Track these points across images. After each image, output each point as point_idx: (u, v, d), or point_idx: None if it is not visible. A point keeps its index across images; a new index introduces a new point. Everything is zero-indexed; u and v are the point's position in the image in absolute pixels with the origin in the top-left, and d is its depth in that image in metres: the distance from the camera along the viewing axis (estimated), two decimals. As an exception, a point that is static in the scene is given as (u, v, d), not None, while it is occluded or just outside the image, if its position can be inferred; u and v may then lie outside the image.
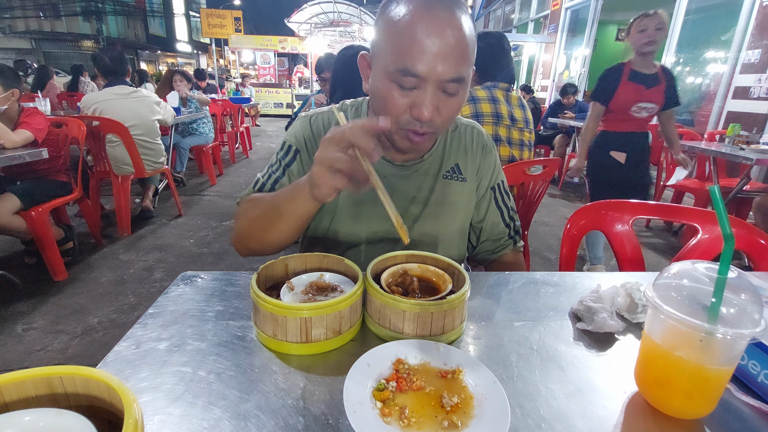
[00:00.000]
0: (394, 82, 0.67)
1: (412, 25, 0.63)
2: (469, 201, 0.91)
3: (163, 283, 2.29)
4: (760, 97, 4.03)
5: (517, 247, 0.97)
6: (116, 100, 2.78)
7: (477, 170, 0.91)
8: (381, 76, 0.69)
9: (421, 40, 0.62)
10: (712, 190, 0.43)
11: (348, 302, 0.54)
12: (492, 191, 0.93)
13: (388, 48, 0.66)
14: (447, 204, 0.87)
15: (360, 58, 0.76)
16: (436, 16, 0.63)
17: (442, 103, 0.68)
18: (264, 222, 0.71)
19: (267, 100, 11.84)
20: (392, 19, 0.65)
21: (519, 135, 1.77)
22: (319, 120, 0.87)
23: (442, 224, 0.87)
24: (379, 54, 0.69)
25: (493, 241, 0.95)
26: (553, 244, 3.04)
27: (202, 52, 28.79)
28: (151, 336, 0.55)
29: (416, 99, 0.67)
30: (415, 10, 0.63)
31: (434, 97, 0.66)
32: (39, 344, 1.75)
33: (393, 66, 0.65)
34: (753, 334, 0.39)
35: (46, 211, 2.17)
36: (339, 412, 0.44)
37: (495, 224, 0.94)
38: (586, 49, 7.54)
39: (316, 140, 0.84)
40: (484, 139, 0.93)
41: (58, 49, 20.14)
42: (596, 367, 0.53)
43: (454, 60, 0.64)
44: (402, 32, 0.64)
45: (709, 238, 0.97)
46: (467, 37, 0.65)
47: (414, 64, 0.63)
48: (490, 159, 0.93)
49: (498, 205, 0.94)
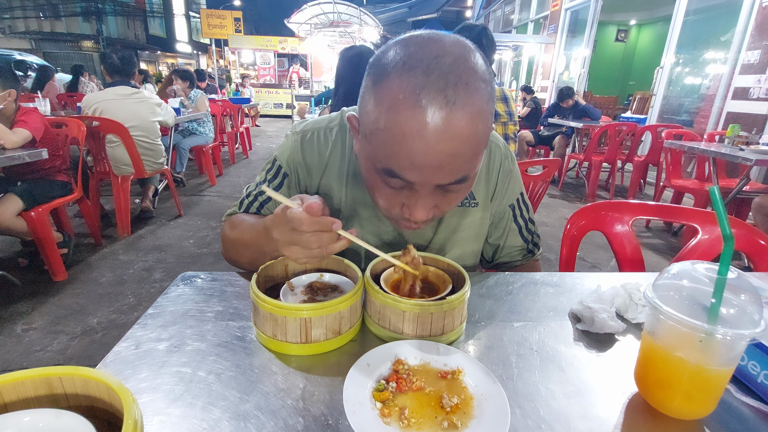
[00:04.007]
0: (380, 178, 0.56)
1: (401, 125, 0.49)
2: (482, 226, 0.83)
3: (163, 284, 2.28)
4: (759, 98, 4.03)
5: (534, 257, 0.92)
6: (117, 100, 2.78)
7: (493, 193, 0.82)
8: (366, 161, 0.58)
9: (410, 147, 0.49)
10: (711, 191, 0.43)
11: (348, 302, 0.54)
12: (511, 209, 0.86)
13: (372, 133, 0.53)
14: (458, 233, 0.81)
15: (348, 119, 0.63)
16: (430, 116, 0.47)
17: (441, 200, 0.58)
18: (240, 249, 0.71)
19: (267, 101, 11.84)
20: (380, 99, 0.51)
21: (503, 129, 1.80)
22: (314, 141, 0.78)
23: (452, 253, 0.82)
24: (365, 132, 0.55)
25: (511, 257, 0.90)
26: (553, 245, 3.04)
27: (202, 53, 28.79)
28: (151, 336, 0.55)
29: (408, 199, 0.57)
30: (406, 104, 0.48)
31: (430, 199, 0.56)
32: (38, 345, 1.74)
33: (379, 162, 0.54)
34: (753, 334, 0.39)
35: (46, 212, 2.17)
36: (339, 412, 0.43)
37: (513, 241, 0.88)
38: (585, 50, 7.54)
39: (308, 166, 0.78)
40: (502, 153, 0.82)
41: (58, 49, 20.13)
42: (596, 368, 0.53)
43: (456, 166, 0.52)
44: (388, 128, 0.50)
45: (709, 238, 0.97)
46: (478, 131, 0.50)
47: (402, 172, 0.52)
48: (509, 174, 0.83)
49: (516, 221, 0.87)
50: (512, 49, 9.93)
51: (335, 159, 0.78)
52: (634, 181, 4.18)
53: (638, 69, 10.62)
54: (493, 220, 0.86)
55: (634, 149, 4.36)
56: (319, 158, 0.78)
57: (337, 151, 0.78)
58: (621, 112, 7.11)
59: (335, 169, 0.78)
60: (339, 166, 0.78)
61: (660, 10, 8.90)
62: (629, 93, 9.42)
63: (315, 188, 0.79)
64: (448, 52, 0.50)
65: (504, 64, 11.56)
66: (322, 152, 0.78)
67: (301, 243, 0.53)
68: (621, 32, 10.91)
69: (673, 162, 3.29)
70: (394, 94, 0.49)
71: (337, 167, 0.78)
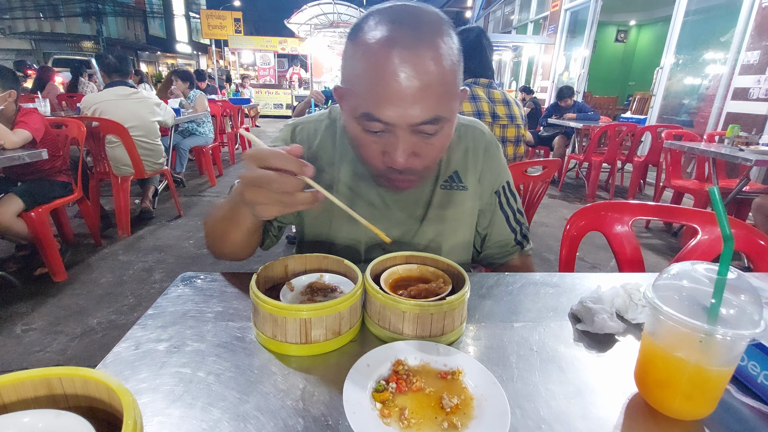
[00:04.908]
0: (361, 126, 0.60)
1: (372, 65, 0.54)
2: (472, 210, 0.85)
3: (163, 284, 2.28)
4: (759, 98, 4.04)
5: (524, 251, 0.92)
6: (116, 100, 2.78)
7: (479, 175, 0.84)
8: (348, 116, 0.62)
9: (383, 83, 0.54)
10: (711, 191, 0.43)
11: (348, 303, 0.54)
12: (497, 195, 0.87)
13: (351, 86, 0.59)
14: (447, 216, 0.81)
15: (334, 90, 0.68)
16: (400, 54, 0.53)
17: (419, 146, 0.60)
18: (220, 231, 0.70)
19: (267, 101, 11.84)
20: (355, 52, 0.57)
21: (501, 131, 1.81)
22: (304, 132, 0.82)
23: (443, 238, 0.82)
24: (346, 90, 0.61)
25: (499, 248, 0.90)
26: (552, 245, 3.04)
27: (202, 53, 28.81)
28: (151, 337, 0.55)
29: (387, 144, 0.60)
30: (377, 46, 0.54)
31: (407, 142, 0.59)
32: (38, 345, 1.74)
33: (357, 109, 0.58)
34: (753, 335, 0.39)
35: (46, 212, 2.17)
36: (339, 413, 0.43)
37: (500, 230, 0.88)
38: (585, 50, 7.55)
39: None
40: (487, 140, 0.86)
41: (58, 50, 20.14)
42: (596, 368, 0.53)
43: (426, 102, 0.56)
44: (362, 73, 0.56)
45: (709, 239, 0.97)
46: (445, 70, 0.56)
47: (377, 111, 0.56)
48: (494, 161, 0.86)
49: (503, 208, 0.88)
50: (512, 49, 9.94)
51: (325, 148, 0.81)
52: (633, 181, 4.18)
53: (638, 69, 10.63)
54: (482, 206, 0.87)
55: (634, 150, 4.37)
56: (308, 149, 0.81)
57: (327, 142, 0.82)
58: (621, 113, 7.11)
59: (325, 156, 0.81)
60: (330, 155, 0.81)
61: (660, 11, 8.91)
62: (629, 93, 9.43)
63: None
64: (418, 7, 0.58)
65: (504, 64, 11.57)
66: (312, 142, 0.82)
67: (264, 182, 0.50)
68: (621, 33, 10.92)
69: (673, 162, 3.29)
70: (367, 40, 0.56)
71: (327, 156, 0.81)
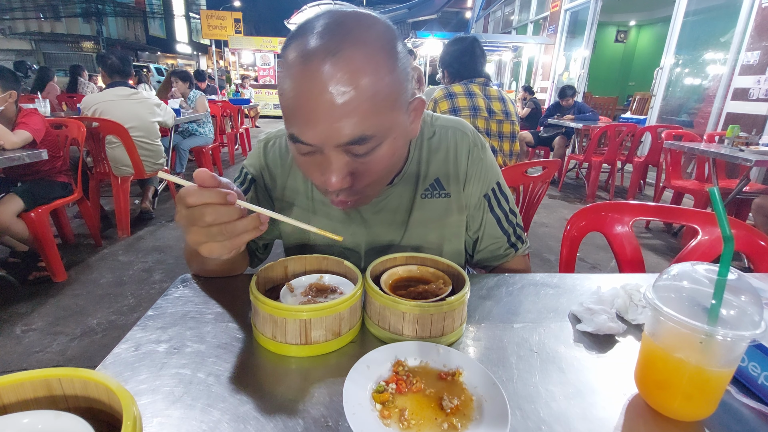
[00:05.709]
0: (295, 148, 0.57)
1: (289, 82, 0.52)
2: (459, 217, 0.81)
3: (163, 285, 2.28)
4: (759, 99, 4.04)
5: (519, 253, 0.89)
6: (116, 101, 2.78)
7: (464, 180, 0.80)
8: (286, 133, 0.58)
9: (298, 102, 0.51)
10: (711, 192, 0.43)
11: (347, 304, 0.54)
12: (486, 199, 0.83)
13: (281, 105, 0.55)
14: (430, 227, 0.79)
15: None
16: (316, 69, 0.49)
17: (353, 166, 0.56)
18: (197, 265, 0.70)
19: (267, 102, 11.84)
20: (279, 70, 0.55)
21: (497, 127, 1.86)
22: (276, 147, 0.80)
23: (428, 249, 0.79)
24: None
25: (492, 252, 0.87)
26: (552, 246, 3.04)
27: (202, 54, 28.83)
28: (151, 338, 0.55)
29: (320, 165, 0.56)
30: (292, 61, 0.51)
31: (339, 162, 0.54)
32: (38, 346, 1.74)
33: (287, 130, 0.56)
34: (753, 335, 0.39)
35: (46, 212, 2.17)
36: (338, 414, 0.43)
37: (492, 233, 0.85)
38: (585, 51, 7.55)
39: (271, 170, 0.79)
40: (470, 141, 0.80)
41: (58, 50, 20.16)
42: (596, 369, 0.53)
43: (349, 120, 0.50)
44: (282, 92, 0.53)
45: (709, 239, 0.97)
46: (374, 83, 0.50)
47: (299, 132, 0.53)
48: (479, 164, 0.80)
49: (494, 212, 0.84)
50: (512, 50, 9.94)
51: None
52: (633, 181, 4.18)
53: (638, 70, 10.64)
54: (470, 211, 0.83)
55: (634, 150, 4.37)
56: (282, 162, 0.80)
57: None
58: (621, 113, 7.11)
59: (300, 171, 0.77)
60: None
61: (659, 11, 8.92)
62: (629, 94, 9.43)
63: (281, 190, 0.81)
64: (340, 15, 0.53)
65: (504, 64, 11.58)
66: (284, 157, 0.80)
67: (195, 220, 0.46)
68: (621, 33, 10.93)
69: (673, 163, 3.30)
70: (286, 55, 0.53)
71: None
